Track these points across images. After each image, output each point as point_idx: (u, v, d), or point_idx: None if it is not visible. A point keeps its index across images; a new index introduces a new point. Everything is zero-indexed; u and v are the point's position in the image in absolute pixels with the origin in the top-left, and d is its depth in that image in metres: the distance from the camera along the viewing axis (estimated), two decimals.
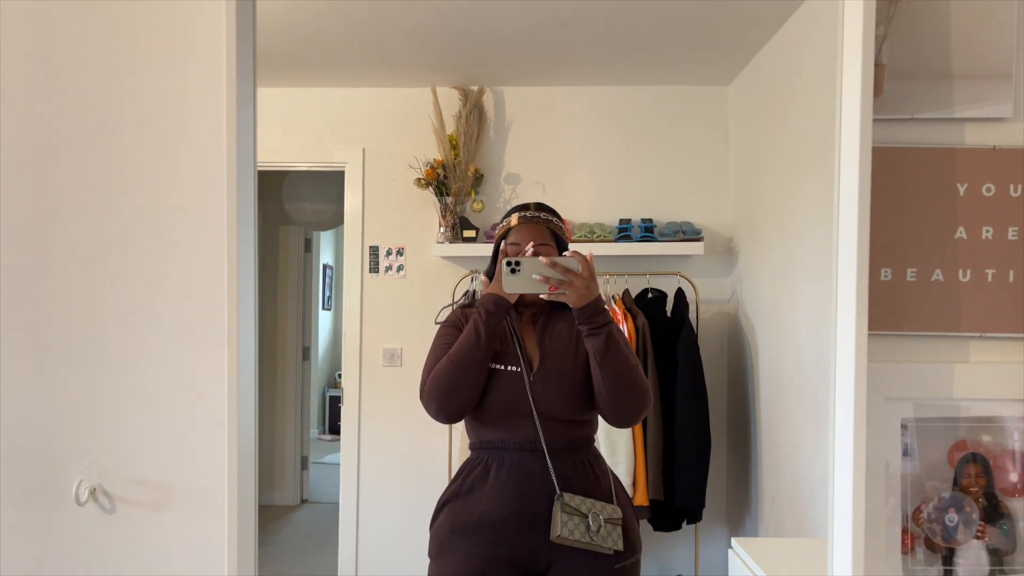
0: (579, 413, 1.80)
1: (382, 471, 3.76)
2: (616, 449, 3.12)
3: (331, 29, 3.06)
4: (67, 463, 1.30)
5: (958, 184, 1.15)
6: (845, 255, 1.11)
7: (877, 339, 1.13)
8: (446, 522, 1.80)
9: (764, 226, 3.22)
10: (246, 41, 1.31)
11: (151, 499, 1.29)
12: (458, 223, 3.59)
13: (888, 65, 1.15)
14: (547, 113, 3.77)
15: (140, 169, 1.31)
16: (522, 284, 1.72)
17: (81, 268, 1.31)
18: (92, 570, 1.30)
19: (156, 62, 1.31)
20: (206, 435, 1.28)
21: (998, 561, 1.13)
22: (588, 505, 1.71)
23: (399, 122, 3.78)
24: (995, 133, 1.15)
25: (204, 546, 1.28)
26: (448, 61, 3.42)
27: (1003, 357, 1.15)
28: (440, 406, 1.76)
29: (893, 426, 1.13)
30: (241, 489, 1.26)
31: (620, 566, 1.74)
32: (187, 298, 1.30)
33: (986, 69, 1.15)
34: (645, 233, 3.51)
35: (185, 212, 1.31)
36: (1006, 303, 1.14)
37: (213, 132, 1.30)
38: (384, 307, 3.79)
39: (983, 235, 1.15)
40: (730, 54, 3.30)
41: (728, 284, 3.71)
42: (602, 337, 1.71)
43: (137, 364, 1.31)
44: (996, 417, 1.13)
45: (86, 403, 1.31)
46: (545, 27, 3.00)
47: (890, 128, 1.15)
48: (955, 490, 1.13)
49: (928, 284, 1.15)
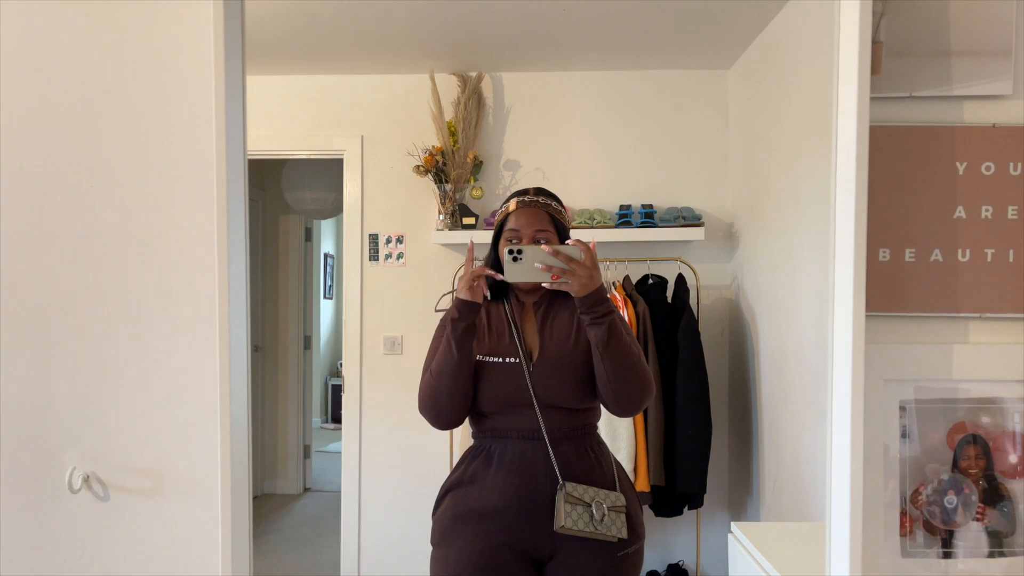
0: (581, 401, 1.79)
1: (384, 459, 3.77)
2: (617, 435, 3.12)
3: (328, 16, 3.04)
4: (61, 450, 1.30)
5: (957, 163, 1.13)
6: (843, 235, 1.09)
7: (875, 320, 1.12)
8: (448, 510, 1.80)
9: (765, 211, 3.21)
10: (234, 32, 1.30)
11: (145, 486, 1.29)
12: (457, 210, 3.58)
13: (885, 42, 1.13)
14: (546, 99, 3.74)
15: (128, 158, 1.30)
16: (524, 273, 1.70)
17: (74, 257, 1.31)
18: (86, 557, 1.29)
19: (144, 57, 1.31)
20: (199, 422, 1.28)
21: (998, 543, 1.12)
22: (591, 494, 1.71)
23: (397, 109, 3.76)
24: (994, 111, 1.14)
25: (198, 532, 1.28)
26: (446, 47, 3.40)
27: (1003, 338, 1.13)
28: (434, 419, 1.80)
29: (892, 408, 1.12)
30: (235, 476, 1.26)
31: (624, 553, 1.74)
32: (179, 286, 1.30)
33: (985, 46, 1.13)
34: (645, 219, 3.49)
35: (176, 200, 1.30)
36: (1006, 283, 1.13)
37: (203, 123, 1.29)
38: (384, 295, 3.78)
39: (982, 214, 1.13)
40: (730, 38, 3.27)
41: (729, 269, 3.69)
42: (604, 327, 1.70)
43: (130, 352, 1.31)
44: (996, 398, 1.12)
45: (79, 391, 1.30)
46: (544, 11, 2.97)
47: (888, 106, 1.14)
48: (954, 472, 1.12)
49: (927, 264, 1.14)
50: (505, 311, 1.86)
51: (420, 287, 3.74)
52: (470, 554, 1.72)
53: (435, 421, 1.80)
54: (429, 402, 1.79)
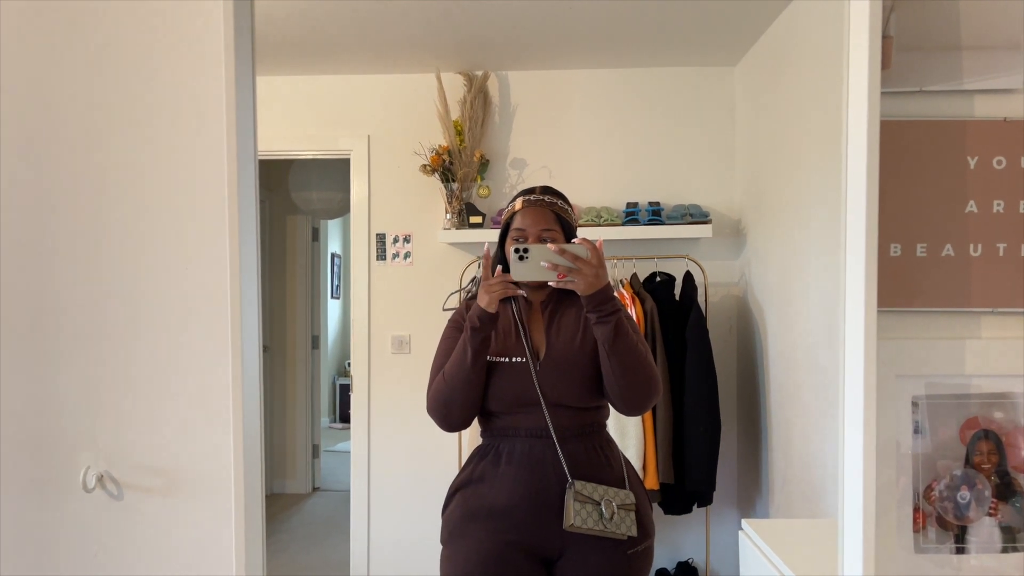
0: (588, 400, 1.79)
1: (392, 458, 3.77)
2: (626, 433, 3.12)
3: (334, 16, 3.04)
4: (75, 450, 1.31)
5: (968, 157, 1.13)
6: (853, 231, 1.09)
7: (887, 316, 1.12)
8: (458, 509, 1.80)
9: (772, 208, 3.20)
10: (244, 31, 1.30)
11: (158, 485, 1.29)
12: (464, 209, 3.58)
13: (896, 37, 1.13)
14: (552, 97, 3.74)
15: (141, 157, 1.31)
16: (530, 272, 1.70)
17: (86, 258, 1.31)
18: (100, 556, 1.30)
19: (154, 58, 1.31)
20: (212, 421, 1.28)
21: (1011, 538, 1.12)
22: (600, 492, 1.71)
23: (404, 109, 3.76)
24: (1005, 104, 1.13)
25: (211, 531, 1.28)
26: (452, 46, 3.40)
27: (1015, 332, 1.13)
28: (442, 422, 1.82)
29: (904, 404, 1.12)
30: (248, 474, 1.26)
31: (634, 551, 1.74)
32: (192, 286, 1.30)
33: (995, 39, 1.13)
34: (652, 216, 3.49)
35: (187, 200, 1.30)
36: (1018, 277, 1.12)
37: (213, 124, 1.29)
38: (392, 294, 3.79)
39: (994, 208, 1.13)
40: (736, 34, 3.27)
41: (737, 266, 3.69)
42: (611, 325, 1.69)
43: (143, 351, 1.31)
44: (1008, 393, 1.12)
45: (93, 390, 1.31)
46: (550, 10, 2.97)
47: (898, 101, 1.13)
48: (967, 468, 1.12)
49: (938, 259, 1.13)
50: (512, 310, 1.86)
51: (428, 286, 3.75)
52: (479, 553, 1.72)
53: (444, 424, 1.81)
54: (439, 406, 1.79)
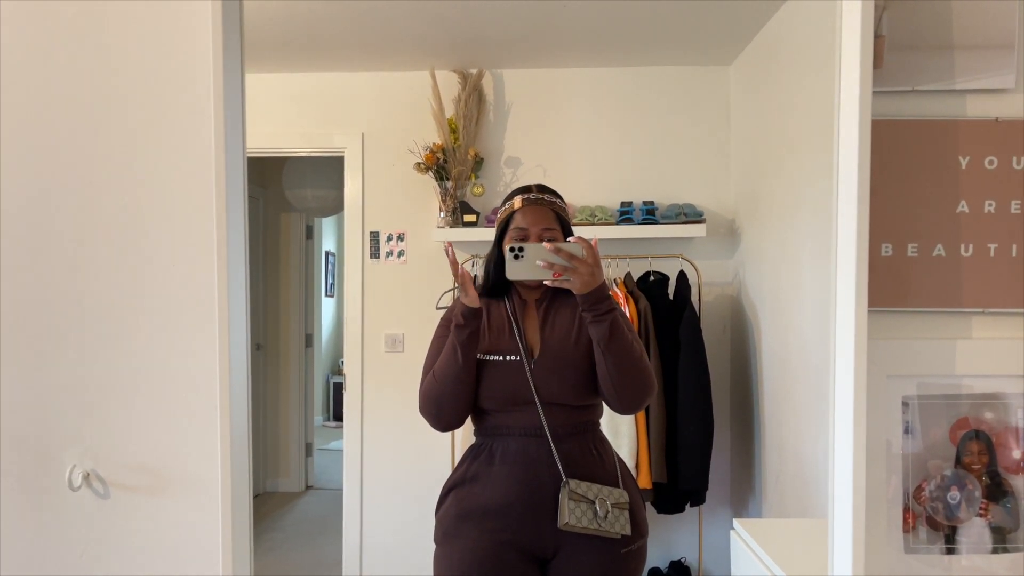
0: (582, 398, 1.79)
1: (386, 457, 3.76)
2: (619, 432, 3.12)
3: (329, 13, 3.03)
4: (61, 448, 1.30)
5: (960, 157, 1.13)
6: (845, 230, 1.09)
7: (877, 316, 1.12)
8: (452, 508, 1.80)
9: (767, 207, 3.20)
10: (233, 30, 1.30)
11: (145, 484, 1.29)
12: (458, 208, 3.57)
13: (888, 36, 1.12)
14: (547, 95, 3.73)
15: (128, 156, 1.30)
16: (525, 270, 1.70)
17: (73, 256, 1.30)
18: (87, 555, 1.29)
19: (143, 55, 1.30)
20: (199, 420, 1.28)
21: (1001, 539, 1.12)
22: (595, 491, 1.71)
23: (398, 106, 3.75)
24: (997, 104, 1.13)
25: (198, 530, 1.28)
26: (447, 44, 3.39)
27: (1006, 332, 1.13)
28: (434, 421, 1.81)
29: (894, 404, 1.11)
30: (235, 473, 1.26)
31: (627, 550, 1.74)
32: (179, 284, 1.30)
33: (988, 39, 1.12)
34: (647, 216, 3.49)
35: (175, 198, 1.30)
36: (1009, 278, 1.12)
37: (202, 122, 1.29)
38: (385, 293, 3.78)
39: (985, 208, 1.13)
40: (731, 34, 3.26)
41: (731, 266, 3.69)
42: (606, 324, 1.69)
43: (130, 350, 1.30)
44: (999, 394, 1.11)
45: (80, 389, 1.30)
46: (544, 8, 2.97)
47: (890, 100, 1.13)
48: (957, 468, 1.12)
49: (929, 259, 1.13)
50: (506, 308, 1.86)
51: (421, 284, 3.74)
52: (473, 552, 1.72)
53: (436, 423, 1.80)
54: (431, 405, 1.79)
